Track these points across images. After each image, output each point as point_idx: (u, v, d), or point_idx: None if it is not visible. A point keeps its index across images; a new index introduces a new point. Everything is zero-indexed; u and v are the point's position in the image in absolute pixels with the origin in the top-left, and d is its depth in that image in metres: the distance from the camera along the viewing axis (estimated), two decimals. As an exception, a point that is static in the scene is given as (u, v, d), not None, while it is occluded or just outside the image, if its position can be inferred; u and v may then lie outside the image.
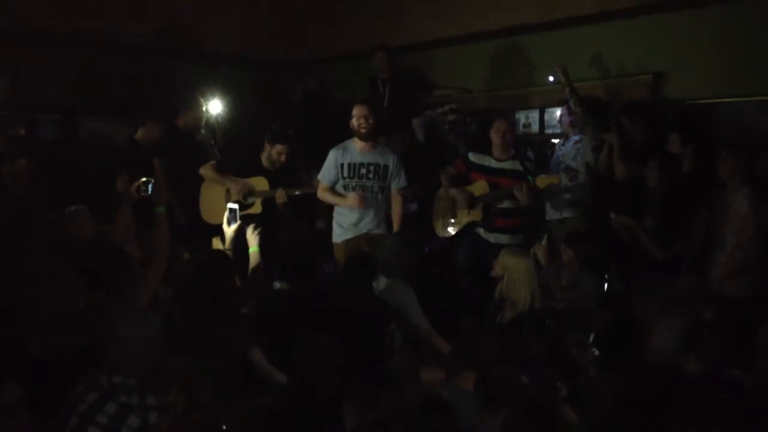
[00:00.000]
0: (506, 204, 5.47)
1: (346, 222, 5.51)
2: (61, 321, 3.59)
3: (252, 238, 4.61)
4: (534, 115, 7.07)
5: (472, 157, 5.70)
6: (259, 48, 8.54)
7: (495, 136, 5.58)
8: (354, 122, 5.44)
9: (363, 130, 5.40)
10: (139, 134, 6.00)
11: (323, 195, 5.58)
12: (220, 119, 7.25)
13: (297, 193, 5.63)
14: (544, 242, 5.05)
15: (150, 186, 4.29)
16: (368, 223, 5.47)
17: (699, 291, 4.64)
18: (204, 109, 6.27)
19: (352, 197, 5.40)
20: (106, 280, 3.63)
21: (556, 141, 6.50)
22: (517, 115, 7.17)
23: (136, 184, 4.36)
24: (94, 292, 3.58)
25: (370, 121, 5.40)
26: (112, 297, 3.56)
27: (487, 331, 3.87)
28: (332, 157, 5.50)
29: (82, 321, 3.58)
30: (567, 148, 6.02)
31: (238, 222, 4.87)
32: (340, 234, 5.57)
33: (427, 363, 4.22)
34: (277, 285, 5.10)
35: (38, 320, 3.55)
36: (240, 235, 4.77)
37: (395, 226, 5.54)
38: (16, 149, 6.39)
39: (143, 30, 7.60)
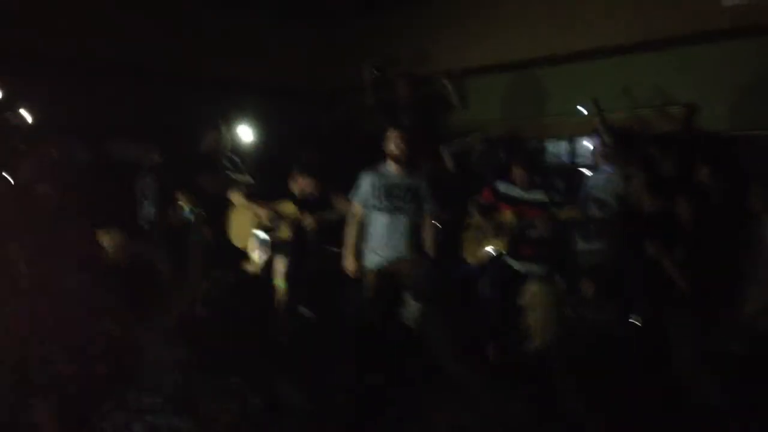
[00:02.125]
0: (531, 233, 5.46)
1: (376, 246, 5.51)
2: (90, 342, 3.65)
3: (280, 269, 4.64)
4: (564, 145, 7.05)
5: (501, 186, 5.71)
6: (289, 77, 8.65)
7: (515, 179, 5.62)
8: (390, 146, 5.48)
9: (398, 153, 5.44)
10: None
11: (350, 228, 5.57)
12: (252, 146, 7.32)
13: (331, 218, 5.65)
14: None
15: (192, 212, 4.31)
16: (400, 247, 5.47)
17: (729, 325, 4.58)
18: (225, 133, 6.34)
19: (350, 262, 5.42)
20: (137, 301, 3.67)
21: (586, 171, 6.47)
22: (546, 145, 7.16)
23: (181, 201, 4.37)
24: (124, 313, 3.62)
25: (405, 144, 5.45)
26: (142, 317, 3.59)
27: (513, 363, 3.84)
28: (367, 180, 5.53)
29: (111, 343, 3.63)
30: (597, 179, 5.99)
31: (270, 253, 4.90)
32: (370, 259, 5.57)
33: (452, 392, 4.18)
34: (304, 311, 5.11)
35: (69, 341, 3.60)
36: (269, 264, 4.80)
37: (428, 251, 5.53)
38: (49, 171, 6.49)
39: (175, 58, 7.73)
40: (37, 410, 3.01)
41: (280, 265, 4.67)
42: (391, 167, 5.53)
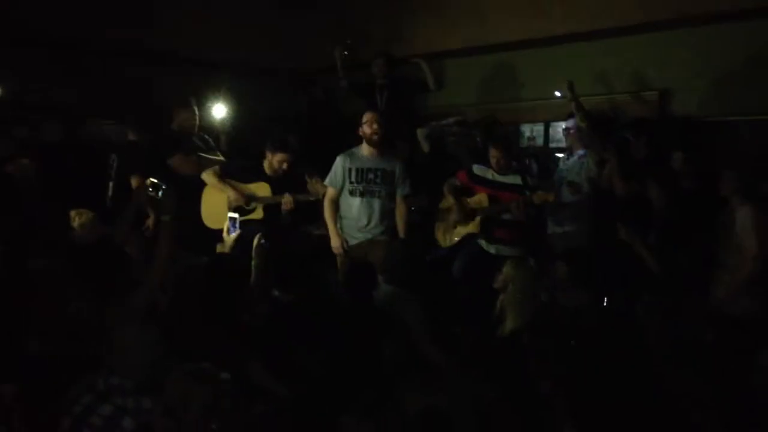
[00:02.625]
0: (506, 216, 5.48)
1: (351, 230, 5.50)
2: (58, 324, 3.60)
3: (259, 248, 4.62)
4: (539, 129, 7.06)
5: (476, 169, 5.73)
6: (265, 57, 8.57)
7: (491, 161, 5.61)
8: (365, 129, 5.46)
9: (375, 137, 5.42)
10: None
11: (327, 211, 5.56)
12: (225, 125, 7.25)
13: (311, 199, 5.63)
14: None
15: (161, 191, 4.24)
16: (372, 229, 5.47)
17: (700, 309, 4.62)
18: (197, 111, 6.25)
19: (335, 241, 5.45)
20: (107, 283, 3.62)
21: (560, 155, 6.50)
22: (522, 128, 7.17)
23: (148, 181, 4.30)
24: (93, 295, 3.57)
25: (380, 127, 5.42)
26: (112, 299, 3.55)
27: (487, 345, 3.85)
28: (340, 162, 5.51)
29: (79, 325, 3.58)
30: (571, 163, 6.01)
31: (238, 231, 4.87)
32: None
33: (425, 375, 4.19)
34: (276, 293, 5.09)
35: (36, 323, 3.55)
36: (241, 244, 4.76)
37: (400, 234, 5.54)
38: (20, 150, 6.39)
39: (147, 35, 7.62)
40: (2, 393, 2.97)
41: (256, 245, 4.65)
42: (366, 150, 5.51)
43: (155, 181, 4.25)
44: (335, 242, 5.48)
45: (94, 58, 7.46)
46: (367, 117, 5.49)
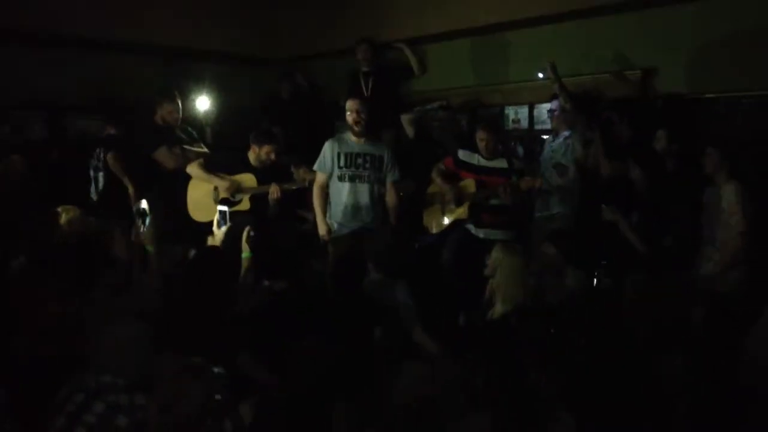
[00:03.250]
0: (494, 200, 5.49)
1: (340, 216, 5.50)
2: (42, 324, 3.59)
3: (247, 243, 4.61)
4: (523, 111, 7.06)
5: (461, 155, 5.72)
6: (245, 46, 8.53)
7: (478, 144, 5.60)
8: (348, 117, 5.46)
9: (356, 126, 5.41)
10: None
11: (316, 198, 5.56)
12: (208, 116, 7.22)
13: (294, 188, 5.62)
14: None
15: (147, 219, 4.24)
16: (363, 217, 5.47)
17: (688, 287, 4.65)
18: (179, 103, 6.22)
19: (321, 228, 5.49)
20: (94, 280, 3.61)
21: (545, 137, 6.51)
22: (506, 111, 7.17)
23: (137, 206, 4.32)
24: (77, 293, 3.56)
25: (363, 114, 5.42)
26: (99, 296, 3.54)
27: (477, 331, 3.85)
28: (328, 147, 5.51)
29: (62, 323, 3.57)
30: (557, 144, 6.02)
31: (228, 224, 4.87)
32: (333, 228, 5.55)
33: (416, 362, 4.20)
34: (266, 283, 5.09)
35: (20, 323, 3.54)
36: (232, 237, 4.75)
37: (392, 220, 5.55)
38: (4, 148, 6.35)
39: (126, 27, 7.55)
40: None
41: (247, 239, 4.66)
42: (352, 136, 5.51)
43: (143, 208, 4.26)
44: (321, 230, 5.50)
45: (74, 51, 7.38)
46: (349, 105, 5.50)
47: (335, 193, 5.53)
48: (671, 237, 5.07)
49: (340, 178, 5.48)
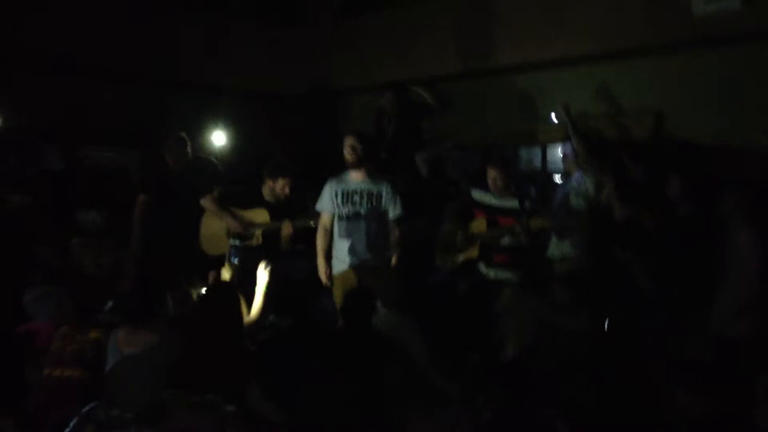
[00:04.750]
0: (505, 240, 5.48)
1: (341, 254, 5.49)
2: (58, 353, 3.60)
3: (263, 276, 4.63)
4: (537, 152, 7.08)
5: (475, 194, 5.72)
6: (261, 81, 8.61)
7: (489, 182, 5.63)
8: (345, 153, 5.47)
9: (351, 160, 5.43)
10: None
11: (318, 239, 5.57)
12: (223, 151, 7.28)
13: (311, 224, 5.63)
14: None
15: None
16: (361, 253, 5.44)
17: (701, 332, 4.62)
18: (187, 147, 6.24)
19: (321, 269, 5.49)
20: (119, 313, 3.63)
21: (558, 178, 6.52)
22: (519, 152, 7.20)
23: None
24: (96, 324, 3.58)
25: (358, 150, 5.42)
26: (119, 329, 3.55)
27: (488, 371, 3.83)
28: (328, 187, 5.54)
29: (80, 355, 3.58)
30: (569, 186, 6.02)
31: (238, 259, 4.89)
32: (336, 266, 5.55)
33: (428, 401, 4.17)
34: (271, 318, 5.09)
35: (35, 352, 3.55)
36: (241, 271, 4.77)
37: (393, 259, 5.52)
38: (13, 181, 6.41)
39: (146, 61, 7.66)
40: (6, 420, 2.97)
41: (263, 273, 4.68)
42: (351, 173, 5.52)
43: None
44: (321, 271, 5.50)
45: (90, 81, 7.49)
46: (346, 141, 5.48)
47: (336, 231, 5.53)
48: (684, 281, 5.04)
49: (339, 217, 5.48)
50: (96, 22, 7.39)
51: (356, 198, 5.45)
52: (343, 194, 5.46)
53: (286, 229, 5.58)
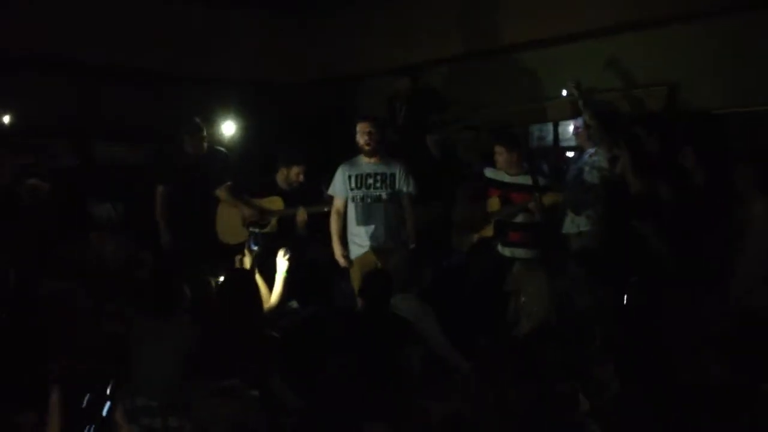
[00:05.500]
0: (519, 218, 5.48)
1: (357, 238, 5.51)
2: (81, 345, 3.64)
3: (282, 263, 4.66)
4: (548, 128, 7.05)
5: (488, 172, 5.73)
6: (271, 70, 8.60)
7: (496, 159, 5.62)
8: (358, 138, 5.47)
9: (367, 147, 5.43)
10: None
11: (332, 223, 5.57)
12: (233, 142, 7.29)
13: (325, 209, 5.65)
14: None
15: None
16: (378, 237, 5.45)
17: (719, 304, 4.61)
18: (204, 133, 6.22)
19: (337, 251, 5.48)
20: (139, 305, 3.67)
21: (570, 154, 6.50)
22: (531, 129, 7.17)
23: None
24: (121, 317, 3.61)
25: (374, 136, 5.43)
26: (140, 320, 3.59)
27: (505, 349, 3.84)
28: (340, 171, 5.54)
29: (100, 347, 3.62)
30: (582, 161, 6.00)
31: (258, 246, 4.92)
32: (354, 250, 5.56)
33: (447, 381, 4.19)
34: (294, 305, 5.12)
35: (57, 344, 3.58)
36: (264, 259, 4.81)
37: (410, 238, 5.53)
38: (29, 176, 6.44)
39: (154, 55, 7.68)
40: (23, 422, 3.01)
41: (282, 260, 4.72)
42: (364, 157, 5.52)
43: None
44: (337, 254, 5.50)
45: (101, 78, 7.52)
46: (359, 126, 5.49)
47: (351, 215, 5.53)
48: (700, 253, 5.02)
49: (353, 200, 5.48)
50: (104, 19, 7.39)
51: (370, 181, 5.46)
52: (356, 178, 5.47)
53: (301, 215, 5.61)
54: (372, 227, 5.42)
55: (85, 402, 2.89)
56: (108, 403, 2.86)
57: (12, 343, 3.70)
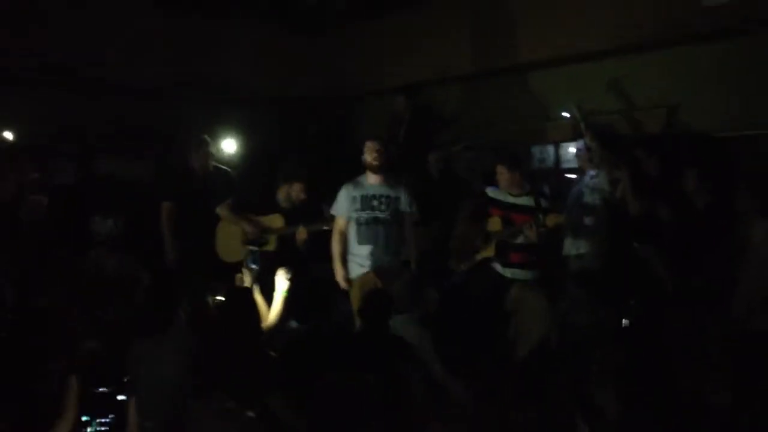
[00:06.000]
0: (520, 239, 5.46)
1: (358, 258, 5.48)
2: (77, 363, 3.62)
3: (282, 282, 4.65)
4: (549, 150, 7.07)
5: (490, 192, 5.71)
6: (276, 86, 8.63)
7: (498, 179, 5.63)
8: (367, 156, 5.46)
9: (375, 164, 5.42)
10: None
11: (334, 243, 5.54)
12: (236, 158, 7.29)
13: (325, 228, 5.63)
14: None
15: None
16: (379, 258, 5.43)
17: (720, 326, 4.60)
18: (210, 148, 6.21)
19: (338, 274, 5.43)
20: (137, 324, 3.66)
21: (571, 176, 6.50)
22: (532, 150, 7.18)
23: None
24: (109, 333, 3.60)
25: (382, 155, 5.43)
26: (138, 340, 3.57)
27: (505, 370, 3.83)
28: (344, 191, 5.51)
29: (97, 364, 3.60)
30: (583, 183, 6.01)
31: (257, 265, 4.91)
32: (354, 270, 5.54)
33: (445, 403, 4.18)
34: (293, 324, 5.10)
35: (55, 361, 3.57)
36: (262, 277, 4.80)
37: (412, 261, 5.51)
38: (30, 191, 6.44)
39: (160, 68, 7.71)
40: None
41: (282, 278, 4.71)
42: (370, 177, 5.51)
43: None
44: (339, 276, 5.45)
45: (103, 95, 7.54)
46: (367, 145, 5.47)
47: (353, 235, 5.51)
48: (701, 275, 5.02)
49: (357, 221, 5.46)
50: (106, 33, 7.43)
51: (374, 202, 5.44)
52: (361, 199, 5.45)
53: (301, 233, 5.60)
54: (373, 248, 5.40)
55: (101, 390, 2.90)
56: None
57: (11, 359, 3.69)
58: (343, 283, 5.41)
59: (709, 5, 5.67)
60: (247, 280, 4.86)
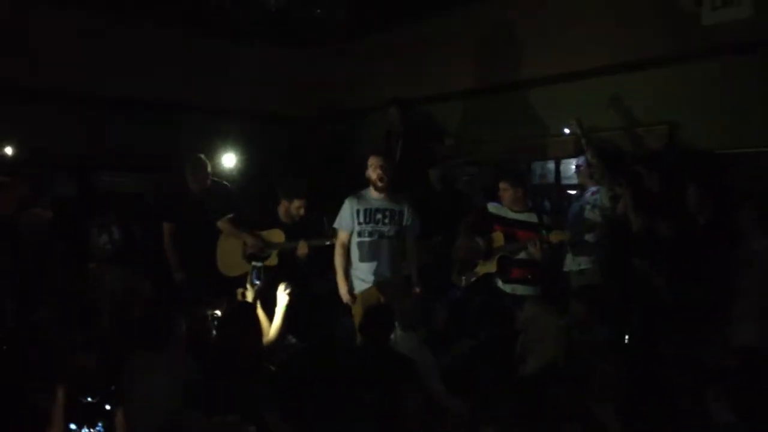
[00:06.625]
0: (522, 255, 5.46)
1: (360, 273, 5.46)
2: (73, 378, 3.60)
3: (282, 297, 4.64)
4: (550, 167, 7.07)
5: (492, 208, 5.72)
6: (274, 103, 8.65)
7: (501, 195, 5.64)
8: (371, 173, 5.45)
9: (380, 182, 5.40)
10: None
11: (337, 257, 5.52)
12: (236, 173, 7.30)
13: (327, 243, 5.62)
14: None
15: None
16: (381, 273, 5.41)
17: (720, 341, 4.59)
18: (208, 169, 6.20)
19: (342, 288, 5.40)
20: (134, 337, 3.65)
21: (572, 192, 6.51)
22: (533, 166, 7.18)
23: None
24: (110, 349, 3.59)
25: (386, 171, 5.42)
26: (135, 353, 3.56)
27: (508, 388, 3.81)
28: (347, 205, 5.49)
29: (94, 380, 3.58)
30: (584, 200, 6.01)
31: (260, 280, 4.91)
32: (357, 285, 5.52)
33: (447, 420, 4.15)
34: (292, 340, 5.08)
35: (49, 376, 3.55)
36: (264, 292, 4.79)
37: (413, 279, 5.49)
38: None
39: (162, 85, 7.73)
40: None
41: (282, 294, 4.70)
42: (373, 192, 5.50)
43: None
44: (342, 290, 5.42)
45: (102, 111, 7.56)
46: (372, 161, 5.46)
47: (355, 249, 5.49)
48: (701, 291, 5.01)
49: (360, 234, 5.43)
50: (109, 51, 7.48)
51: (378, 216, 5.42)
52: (365, 213, 5.44)
53: (302, 248, 5.59)
54: (376, 263, 5.38)
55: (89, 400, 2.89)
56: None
57: (9, 372, 3.67)
58: (346, 298, 5.38)
59: (710, 23, 5.69)
60: (249, 295, 4.85)
